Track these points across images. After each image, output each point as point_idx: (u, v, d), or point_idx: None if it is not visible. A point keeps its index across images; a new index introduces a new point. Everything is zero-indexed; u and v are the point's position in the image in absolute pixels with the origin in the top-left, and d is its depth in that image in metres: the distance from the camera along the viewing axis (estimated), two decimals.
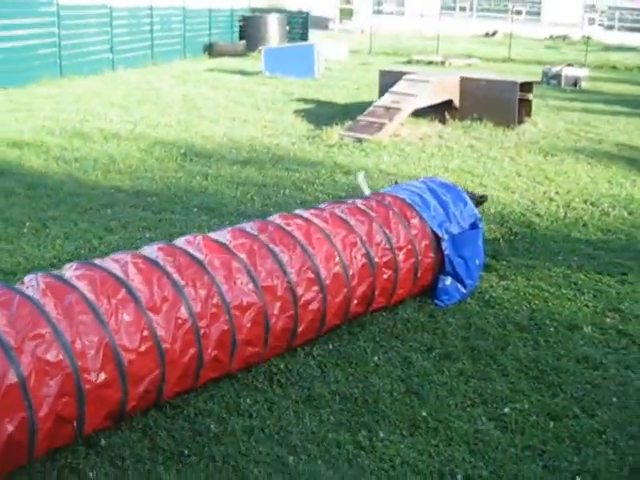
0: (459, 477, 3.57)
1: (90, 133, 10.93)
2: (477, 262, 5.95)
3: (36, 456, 3.46)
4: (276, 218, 5.23)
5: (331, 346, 4.84)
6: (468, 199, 6.16)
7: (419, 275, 5.61)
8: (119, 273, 4.07)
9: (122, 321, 3.86)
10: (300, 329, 4.76)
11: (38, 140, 10.22)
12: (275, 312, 4.57)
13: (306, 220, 5.16)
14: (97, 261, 4.25)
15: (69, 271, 4.09)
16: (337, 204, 5.66)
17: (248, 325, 4.41)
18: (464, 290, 5.79)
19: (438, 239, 5.67)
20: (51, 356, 3.49)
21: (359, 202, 5.67)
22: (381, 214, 5.54)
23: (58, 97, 14.71)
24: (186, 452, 3.70)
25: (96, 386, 3.66)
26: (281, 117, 13.36)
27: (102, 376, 3.68)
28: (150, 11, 22.84)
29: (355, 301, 5.12)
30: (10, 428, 3.28)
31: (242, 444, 3.77)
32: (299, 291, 4.71)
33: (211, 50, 27.02)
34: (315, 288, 4.82)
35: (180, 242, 4.66)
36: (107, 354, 3.72)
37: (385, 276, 5.31)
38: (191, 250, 4.48)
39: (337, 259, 4.99)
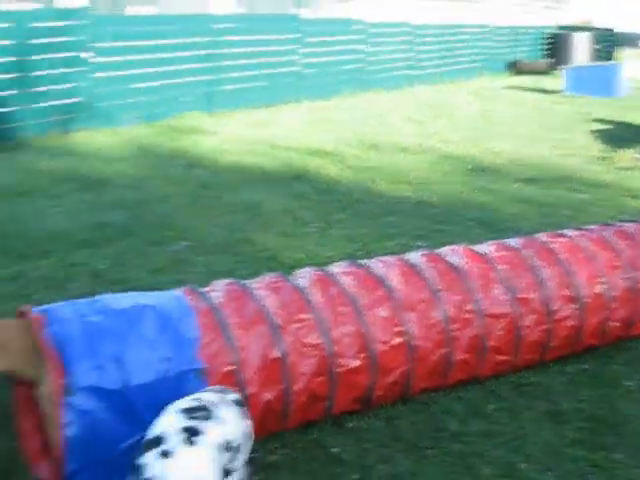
0: None
1: (384, 145, 11.60)
2: None
3: (288, 426, 3.91)
4: (542, 235, 5.29)
5: (585, 365, 4.80)
6: None
7: None
8: (381, 273, 4.43)
9: (378, 316, 4.20)
10: (553, 344, 4.78)
11: (337, 150, 11.08)
12: (528, 324, 4.64)
13: (571, 239, 5.16)
14: (364, 261, 4.65)
15: (338, 267, 4.54)
16: (606, 227, 5.57)
17: (499, 333, 4.54)
18: None
19: None
20: (311, 339, 3.93)
21: (628, 226, 5.52)
22: None
23: (360, 111, 15.72)
24: (425, 445, 3.93)
25: (348, 370, 4.03)
26: (573, 136, 13.05)
27: (354, 363, 4.04)
28: (454, 30, 23.37)
29: (614, 324, 5.03)
30: (268, 397, 3.76)
31: (478, 445, 3.92)
32: (555, 307, 4.73)
33: (513, 68, 26.93)
34: (573, 306, 4.81)
35: (443, 250, 4.91)
36: (361, 344, 4.08)
37: None
38: (451, 258, 4.71)
39: (599, 280, 4.93)
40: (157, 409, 3.31)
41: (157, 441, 2.76)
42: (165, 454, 2.70)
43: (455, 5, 27.82)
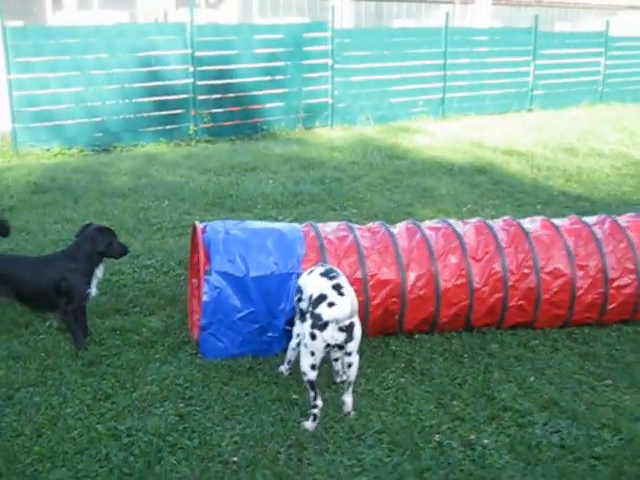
0: None
1: (577, 149, 12.35)
2: None
3: (370, 334, 5.27)
4: (623, 216, 6.17)
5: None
6: None
7: None
8: (459, 230, 5.71)
9: (449, 261, 5.51)
10: (610, 307, 5.71)
11: (530, 151, 12.09)
12: (584, 286, 5.64)
13: None
14: (451, 220, 5.93)
15: (429, 223, 5.89)
16: None
17: (555, 290, 5.60)
18: None
19: None
20: (388, 270, 5.33)
21: None
22: None
23: (582, 119, 16.29)
24: (464, 355, 5.16)
25: (417, 297, 5.38)
26: None
27: (421, 292, 5.39)
28: None
29: None
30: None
31: (505, 362, 5.07)
32: (613, 274, 5.66)
33: None
34: (632, 277, 5.70)
35: (525, 219, 6.03)
36: (430, 280, 5.42)
37: None
38: (526, 225, 5.84)
39: None
40: (264, 295, 5.04)
41: (323, 297, 4.20)
42: (330, 304, 4.17)
43: None
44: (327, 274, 4.36)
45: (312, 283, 4.34)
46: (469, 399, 4.59)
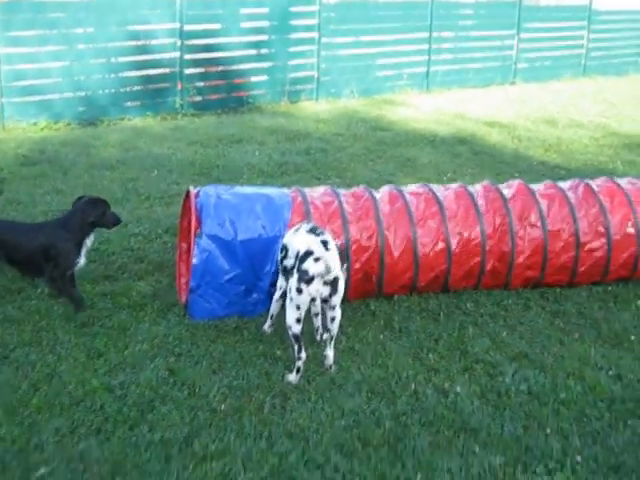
0: None
1: (558, 121, 12.60)
2: None
3: (351, 297, 5.49)
4: (596, 180, 6.41)
5: (610, 287, 5.98)
6: None
7: None
8: (440, 195, 5.92)
9: (428, 226, 5.73)
10: (581, 269, 5.97)
11: (512, 122, 12.32)
12: (556, 250, 5.89)
13: (617, 185, 6.25)
14: (433, 185, 6.14)
15: (411, 188, 6.09)
16: None
17: (528, 252, 5.84)
18: None
19: None
20: (369, 237, 5.55)
21: None
22: None
23: (564, 92, 16.53)
24: (439, 313, 5.42)
25: (394, 261, 5.61)
26: None
27: (401, 257, 5.60)
28: None
29: None
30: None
31: (479, 318, 5.37)
32: (585, 238, 5.92)
33: None
34: (603, 240, 5.95)
35: (503, 184, 6.25)
36: (408, 245, 5.64)
37: None
38: (504, 190, 6.06)
39: (632, 221, 6.00)
40: (250, 258, 5.27)
41: (310, 252, 4.41)
42: (316, 259, 4.38)
43: None
44: (314, 231, 4.60)
45: (299, 240, 4.57)
46: (444, 352, 4.85)
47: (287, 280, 4.61)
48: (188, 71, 13.55)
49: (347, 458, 3.69)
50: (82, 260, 5.33)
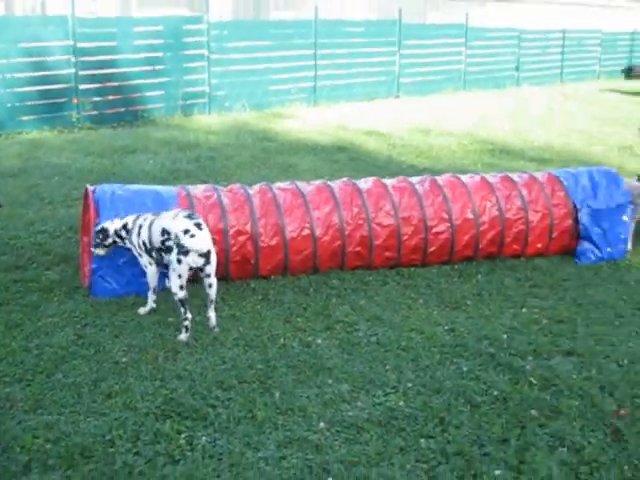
0: None
1: (432, 130, 13.95)
2: (622, 236, 7.48)
3: (232, 278, 6.44)
4: (444, 176, 7.57)
5: (456, 266, 7.07)
6: (624, 184, 7.62)
7: (555, 235, 7.40)
8: (304, 189, 6.92)
9: (294, 215, 6.71)
10: (431, 250, 7.09)
11: (389, 132, 13.57)
12: (408, 232, 6.98)
13: (458, 179, 7.42)
14: (299, 182, 7.14)
15: (281, 184, 7.07)
16: (501, 175, 7.69)
17: (384, 236, 6.91)
18: (600, 254, 7.37)
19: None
20: (244, 225, 6.48)
21: (518, 175, 7.64)
22: (527, 185, 7.48)
23: (442, 105, 18.02)
24: (310, 289, 6.40)
25: (268, 246, 6.56)
26: (616, 130, 14.69)
27: (272, 242, 6.57)
28: (562, 34, 24.90)
29: (485, 241, 7.22)
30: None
31: (341, 292, 6.37)
32: (431, 223, 7.03)
33: (629, 72, 27.94)
34: (447, 224, 7.09)
35: (362, 180, 7.31)
36: (277, 231, 6.60)
37: (516, 229, 7.28)
38: (362, 184, 7.12)
39: (470, 208, 7.17)
40: None
41: (187, 231, 5.34)
42: (192, 236, 5.32)
43: (572, 10, 29.08)
44: (190, 216, 5.53)
45: (177, 223, 5.46)
46: (311, 317, 5.83)
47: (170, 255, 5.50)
48: (84, 86, 14.20)
49: (226, 391, 4.60)
50: None
